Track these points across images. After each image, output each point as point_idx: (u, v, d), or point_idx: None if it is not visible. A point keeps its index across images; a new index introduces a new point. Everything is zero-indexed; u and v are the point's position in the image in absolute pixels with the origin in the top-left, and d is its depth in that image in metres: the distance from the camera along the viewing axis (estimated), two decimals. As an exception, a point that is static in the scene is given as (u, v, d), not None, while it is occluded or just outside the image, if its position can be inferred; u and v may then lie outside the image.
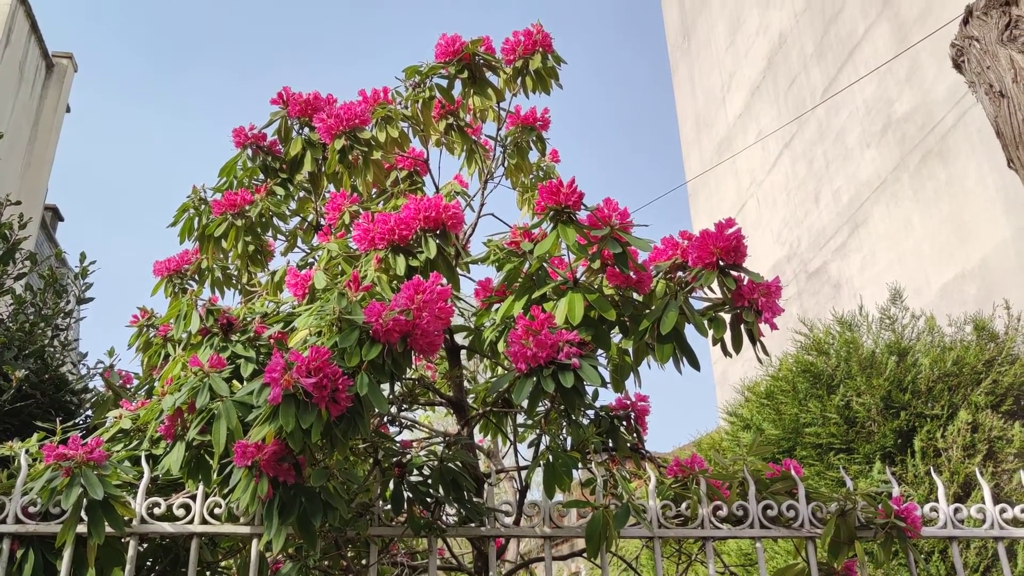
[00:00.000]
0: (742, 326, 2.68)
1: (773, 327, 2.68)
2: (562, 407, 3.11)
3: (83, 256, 4.36)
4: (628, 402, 3.30)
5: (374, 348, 2.35)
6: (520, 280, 2.83)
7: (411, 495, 2.71)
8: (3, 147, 16.87)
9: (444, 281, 2.72)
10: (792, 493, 3.03)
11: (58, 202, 22.81)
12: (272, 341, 2.77)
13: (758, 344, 2.69)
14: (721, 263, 2.63)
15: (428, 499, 2.73)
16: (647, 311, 2.71)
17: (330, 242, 3.04)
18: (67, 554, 2.52)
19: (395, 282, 2.78)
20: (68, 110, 20.10)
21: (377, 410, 2.52)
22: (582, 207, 2.68)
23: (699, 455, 3.17)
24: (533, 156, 3.79)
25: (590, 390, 3.25)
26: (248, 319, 2.88)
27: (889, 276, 8.41)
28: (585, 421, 3.20)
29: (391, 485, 2.73)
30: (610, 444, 3.21)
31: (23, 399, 3.46)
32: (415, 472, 2.78)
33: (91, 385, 4.20)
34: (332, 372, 2.27)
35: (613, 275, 2.74)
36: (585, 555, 3.21)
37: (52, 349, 4.03)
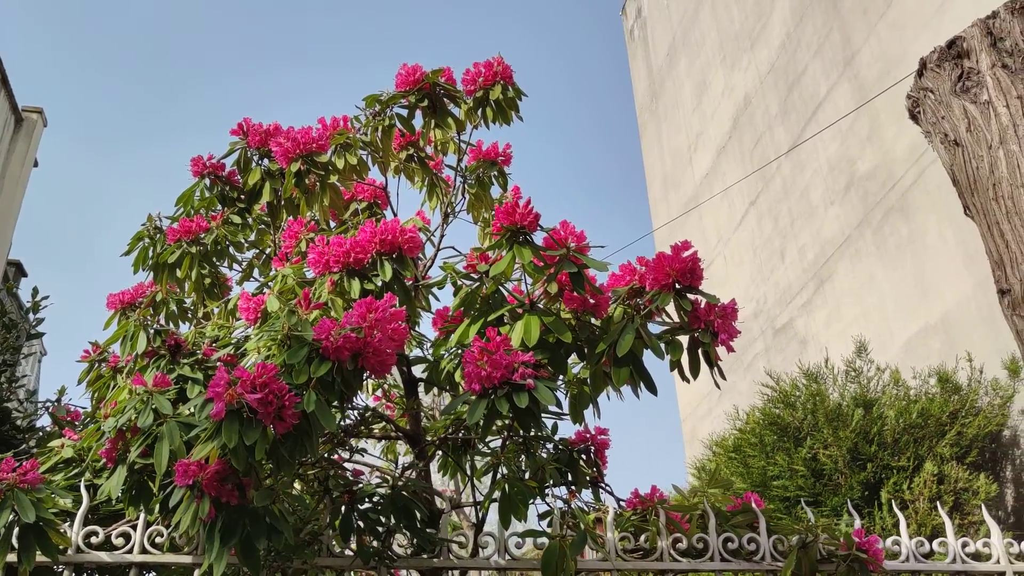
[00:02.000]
0: (699, 349, 2.65)
1: (730, 349, 2.66)
2: (519, 438, 3.06)
3: (35, 291, 4.27)
4: (588, 435, 3.25)
5: (323, 365, 2.29)
6: (477, 304, 2.80)
7: (361, 523, 2.62)
8: (-32, 200, 16.68)
9: (397, 303, 2.69)
10: (753, 526, 2.98)
11: (22, 257, 22.50)
12: (221, 363, 2.70)
13: (715, 368, 2.66)
14: (678, 285, 2.62)
15: (379, 528, 2.64)
16: (604, 335, 2.68)
17: (284, 267, 3.00)
18: (-4, 584, 2.40)
19: (349, 306, 2.73)
20: (36, 164, 19.97)
21: (327, 432, 2.46)
22: (539, 229, 2.66)
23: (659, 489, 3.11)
24: (496, 192, 3.79)
25: (549, 423, 3.21)
26: (197, 343, 2.81)
27: (854, 330, 8.46)
28: (544, 454, 3.15)
29: (341, 513, 2.64)
30: (569, 477, 3.15)
31: (-37, 431, 3.34)
32: (366, 501, 2.70)
33: (39, 424, 4.08)
34: (278, 388, 2.21)
35: (570, 299, 2.71)
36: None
37: (0, 384, 3.91)
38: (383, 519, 2.67)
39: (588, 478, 3.17)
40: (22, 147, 19.30)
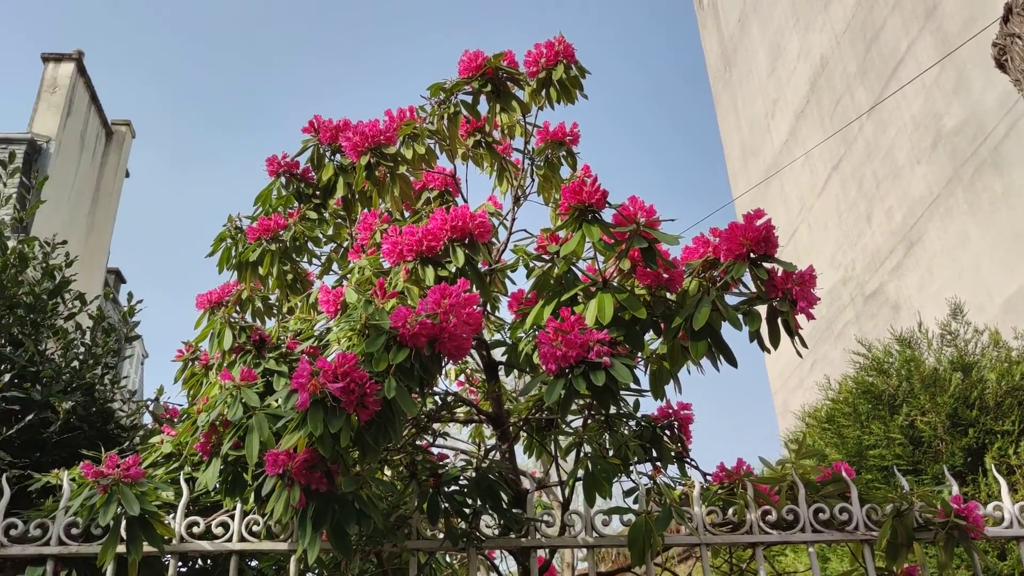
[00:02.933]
0: (778, 318, 2.60)
1: (810, 317, 2.60)
2: (600, 416, 3.06)
3: (130, 296, 4.46)
4: (671, 411, 3.23)
5: (401, 352, 2.34)
6: (550, 285, 2.81)
7: (448, 506, 2.67)
8: (67, 212, 17.48)
9: (472, 287, 2.72)
10: (845, 496, 2.92)
11: (120, 264, 23.44)
12: (304, 356, 2.77)
13: (796, 336, 2.61)
14: (752, 254, 2.57)
15: (466, 509, 2.68)
16: (680, 309, 2.65)
17: (361, 259, 3.06)
18: (109, 573, 2.53)
19: (425, 293, 2.77)
20: (127, 175, 20.78)
21: (410, 417, 2.50)
22: (607, 206, 2.64)
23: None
24: (565, 172, 3.78)
25: (631, 400, 3.20)
26: (281, 337, 2.89)
27: (949, 292, 8.16)
28: (627, 432, 3.14)
29: (428, 497, 2.69)
30: (653, 453, 3.14)
31: (70, 431, 3.52)
32: (452, 484, 2.74)
33: (142, 423, 4.26)
34: (359, 377, 2.26)
35: (643, 274, 2.69)
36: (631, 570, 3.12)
37: (103, 386, 4.10)
38: (469, 501, 2.71)
39: (673, 453, 3.16)
40: (113, 159, 20.10)
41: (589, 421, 3.02)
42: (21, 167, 16.22)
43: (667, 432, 3.19)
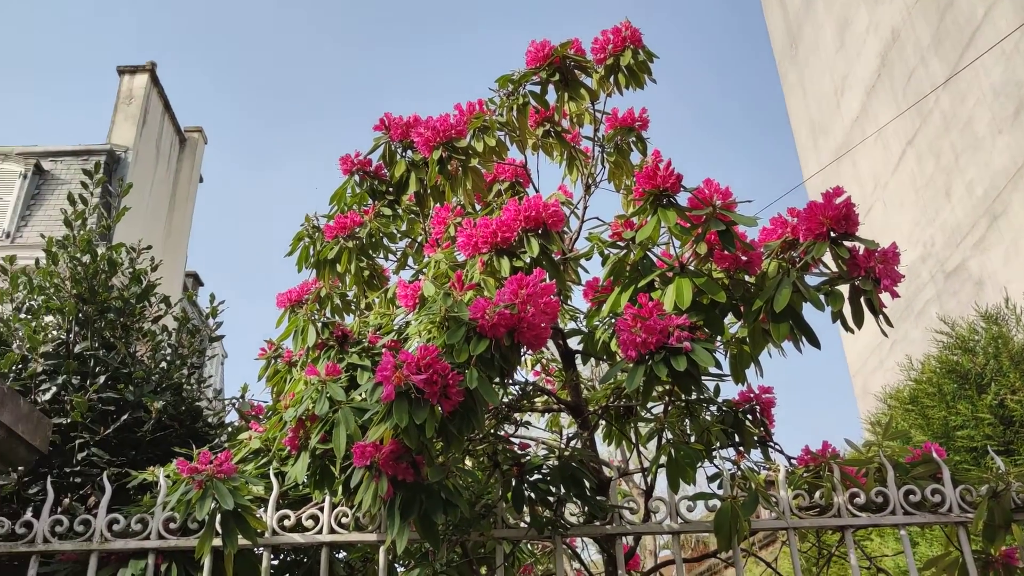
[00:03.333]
0: (861, 297, 2.55)
1: (894, 295, 2.54)
2: (681, 402, 3.05)
3: (212, 297, 4.59)
4: (752, 395, 3.20)
5: (482, 343, 2.36)
6: (626, 272, 2.80)
7: (532, 495, 2.69)
8: (145, 219, 18.02)
9: (547, 277, 2.73)
10: (936, 477, 2.85)
11: (198, 268, 24.07)
12: (386, 349, 2.81)
13: (880, 315, 2.55)
14: (832, 233, 2.53)
15: (550, 498, 2.69)
16: (760, 292, 2.62)
17: (436, 252, 3.09)
18: (206, 566, 2.61)
19: (501, 284, 2.79)
20: (201, 180, 21.33)
21: (491, 407, 2.52)
22: (682, 190, 2.62)
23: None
24: (635, 158, 3.76)
25: (711, 385, 3.17)
26: (362, 332, 2.94)
27: (1036, 266, 7.88)
28: (708, 417, 3.12)
29: (512, 486, 2.71)
30: (736, 438, 3.11)
31: (162, 430, 3.64)
32: (535, 472, 2.76)
33: (227, 420, 4.39)
34: (441, 368, 2.29)
35: (721, 257, 2.67)
36: (718, 555, 3.10)
37: (190, 385, 4.23)
38: (553, 489, 2.72)
39: (755, 438, 3.12)
40: (187, 165, 20.65)
41: (670, 408, 3.00)
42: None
43: (749, 416, 3.16)
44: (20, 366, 3.52)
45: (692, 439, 2.97)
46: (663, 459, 2.76)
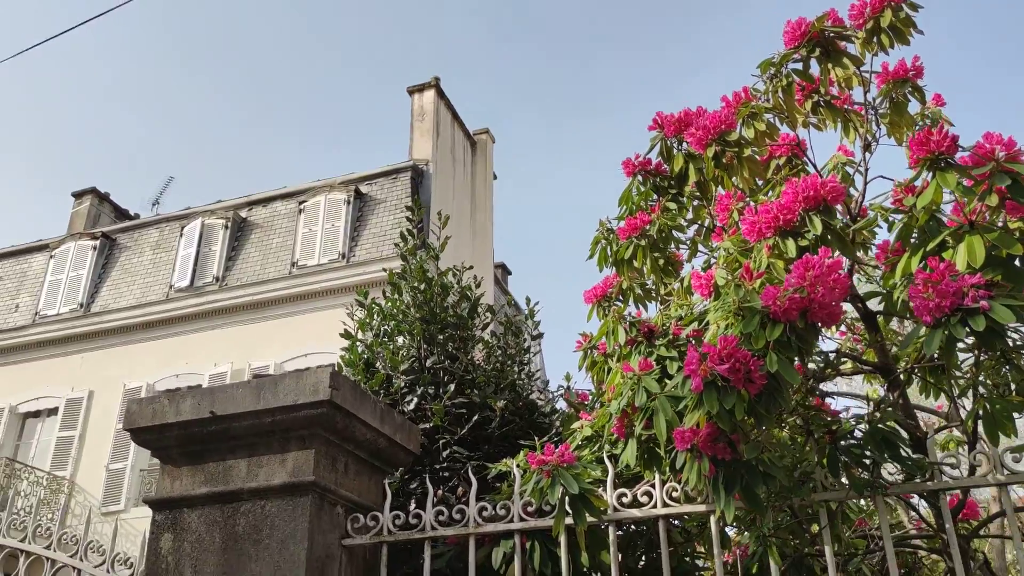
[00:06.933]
0: None
1: None
2: (997, 351, 3.03)
3: (528, 300, 5.12)
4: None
5: (776, 328, 2.57)
6: (914, 235, 2.85)
7: (847, 459, 2.84)
8: (454, 223, 19.58)
9: (834, 254, 2.85)
10: None
11: (505, 259, 25.69)
12: (690, 342, 3.09)
13: None
14: None
15: (865, 460, 2.83)
16: (1063, 235, 2.57)
17: (724, 240, 3.31)
18: (563, 542, 3.06)
19: (789, 265, 2.95)
20: (495, 178, 22.75)
21: (795, 385, 2.72)
22: (959, 149, 2.64)
23: None
24: (915, 107, 3.71)
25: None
26: (666, 324, 3.24)
27: None
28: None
29: (827, 452, 2.88)
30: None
31: (506, 425, 4.19)
32: (848, 437, 2.90)
33: (557, 407, 4.89)
34: (742, 356, 2.53)
35: (1013, 208, 2.65)
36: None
37: (521, 381, 4.78)
38: (868, 452, 2.85)
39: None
40: (481, 166, 22.12)
41: (980, 361, 2.99)
42: (409, 192, 18.46)
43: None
44: (387, 384, 4.24)
45: (1013, 389, 2.94)
46: (981, 411, 2.78)
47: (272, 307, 17.99)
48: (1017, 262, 2.66)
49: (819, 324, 2.63)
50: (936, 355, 2.52)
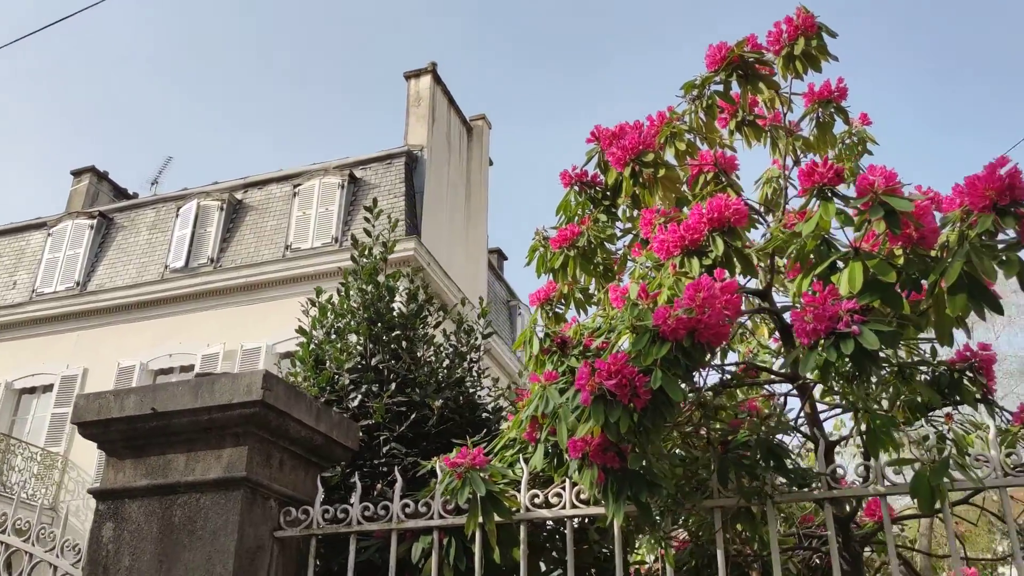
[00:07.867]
0: (1041, 262, 2.57)
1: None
2: (894, 366, 3.18)
3: (481, 300, 5.27)
4: (969, 353, 3.25)
5: (664, 347, 2.72)
6: (806, 258, 2.99)
7: (737, 468, 3.00)
8: (448, 208, 19.73)
9: (736, 273, 3.01)
10: None
11: (503, 244, 25.82)
12: (600, 351, 3.25)
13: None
14: (998, 204, 2.57)
15: (755, 470, 2.99)
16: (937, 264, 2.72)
17: (642, 255, 3.46)
18: (477, 539, 3.23)
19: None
20: (491, 164, 22.85)
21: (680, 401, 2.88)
22: (841, 181, 2.78)
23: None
24: (839, 128, 3.85)
25: (925, 348, 3.27)
26: (580, 335, 3.40)
27: None
28: (926, 379, 3.22)
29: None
30: (956, 399, 3.19)
31: (445, 423, 4.36)
32: (741, 448, 3.06)
33: (504, 404, 5.05)
34: (629, 372, 2.69)
35: (892, 238, 2.79)
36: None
37: (472, 379, 4.95)
38: (762, 463, 3.01)
39: (975, 397, 3.17)
40: (476, 152, 22.20)
41: (869, 379, 3.14)
42: (403, 177, 18.56)
43: (967, 375, 3.21)
44: (332, 381, 4.41)
45: (897, 403, 3.09)
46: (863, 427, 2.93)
47: (265, 289, 18.18)
48: (898, 287, 2.81)
49: (705, 343, 2.78)
50: (809, 375, 2.67)
